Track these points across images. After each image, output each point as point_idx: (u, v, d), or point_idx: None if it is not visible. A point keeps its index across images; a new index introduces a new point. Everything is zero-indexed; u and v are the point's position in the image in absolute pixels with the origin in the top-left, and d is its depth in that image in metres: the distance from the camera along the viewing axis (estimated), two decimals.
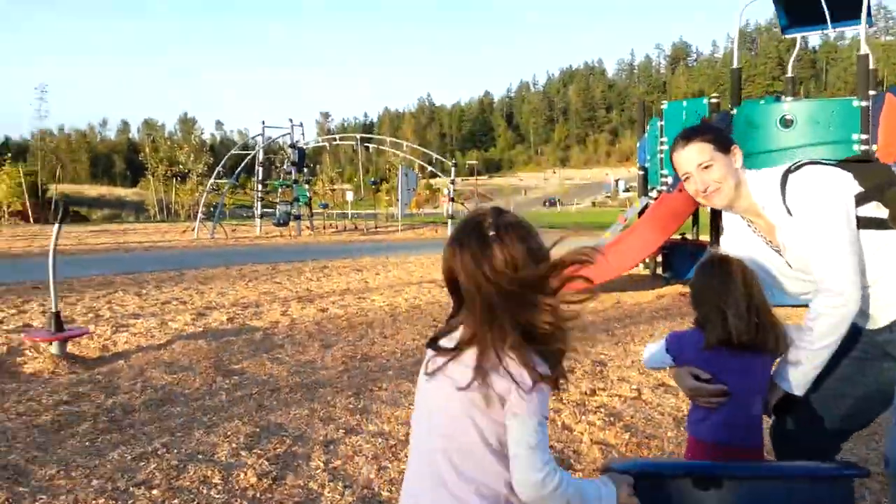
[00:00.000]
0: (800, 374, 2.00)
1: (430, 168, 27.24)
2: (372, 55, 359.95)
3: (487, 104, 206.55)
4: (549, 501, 1.24)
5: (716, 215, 8.04)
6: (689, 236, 10.82)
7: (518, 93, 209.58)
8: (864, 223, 1.96)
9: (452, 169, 22.99)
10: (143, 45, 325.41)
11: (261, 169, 22.81)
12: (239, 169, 23.38)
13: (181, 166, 37.85)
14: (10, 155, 33.64)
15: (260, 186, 22.86)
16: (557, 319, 1.26)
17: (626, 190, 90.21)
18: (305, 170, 23.60)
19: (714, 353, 1.94)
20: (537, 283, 1.25)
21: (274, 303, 7.94)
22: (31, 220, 29.92)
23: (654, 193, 10.18)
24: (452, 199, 23.74)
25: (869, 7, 8.36)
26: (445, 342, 1.33)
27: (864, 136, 7.46)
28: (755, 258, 2.14)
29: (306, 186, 22.97)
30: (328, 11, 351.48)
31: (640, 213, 10.44)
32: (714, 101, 8.91)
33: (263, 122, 22.70)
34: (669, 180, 9.00)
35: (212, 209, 22.82)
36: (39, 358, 5.08)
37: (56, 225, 5.22)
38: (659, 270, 10.86)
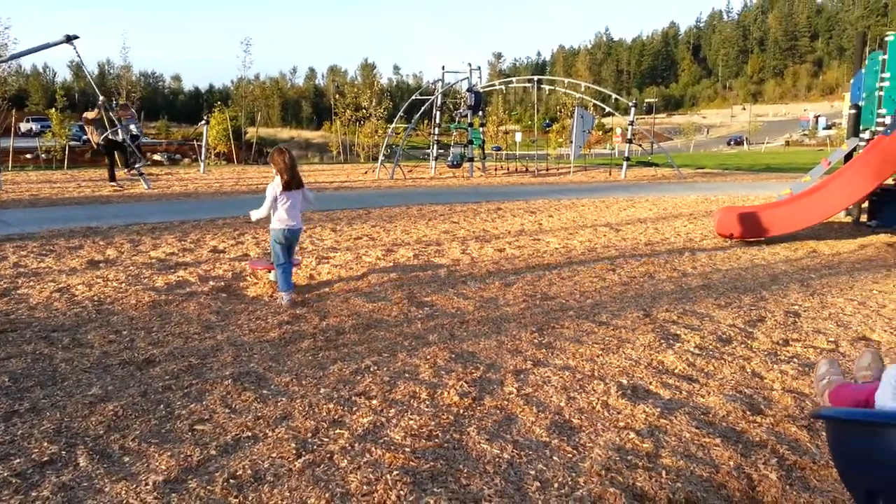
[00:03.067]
0: None
1: (604, 108, 26.26)
2: None
3: (672, 36, 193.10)
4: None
5: None
6: None
7: (708, 22, 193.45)
8: None
9: (632, 109, 22.02)
10: None
11: (438, 113, 23.38)
12: (418, 114, 24.12)
13: (364, 111, 39.87)
14: (219, 102, 37.59)
15: (436, 129, 23.50)
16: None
17: (828, 127, 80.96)
18: (480, 112, 23.82)
19: None
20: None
21: (453, 241, 8.35)
22: (235, 160, 33.31)
23: (866, 135, 9.20)
24: (630, 140, 22.85)
25: None
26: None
27: None
28: None
29: (481, 129, 23.23)
30: None
31: (847, 157, 9.52)
32: None
33: (443, 67, 23.18)
34: (887, 120, 8.07)
35: (388, 151, 23.90)
36: (259, 283, 5.85)
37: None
38: (863, 218, 9.86)
